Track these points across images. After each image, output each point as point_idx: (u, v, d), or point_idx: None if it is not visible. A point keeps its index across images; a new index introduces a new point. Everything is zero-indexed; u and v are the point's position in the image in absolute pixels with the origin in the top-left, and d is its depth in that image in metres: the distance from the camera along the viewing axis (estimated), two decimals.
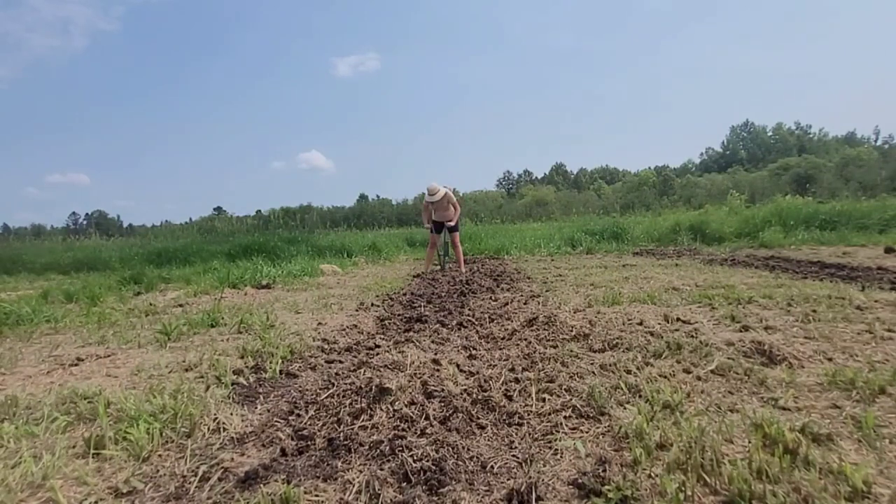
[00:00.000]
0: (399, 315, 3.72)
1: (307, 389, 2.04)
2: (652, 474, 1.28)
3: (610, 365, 2.16)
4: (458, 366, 2.25)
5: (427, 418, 1.67)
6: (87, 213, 68.71)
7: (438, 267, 7.52)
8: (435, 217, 7.26)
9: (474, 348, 2.61)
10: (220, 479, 1.36)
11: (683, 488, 1.19)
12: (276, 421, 1.75)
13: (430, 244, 7.56)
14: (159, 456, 1.53)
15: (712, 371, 2.04)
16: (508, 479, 1.32)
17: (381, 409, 1.73)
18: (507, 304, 3.89)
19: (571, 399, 1.79)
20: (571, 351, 2.41)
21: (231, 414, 1.80)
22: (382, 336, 3.03)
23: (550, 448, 1.48)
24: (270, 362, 2.47)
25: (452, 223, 7.26)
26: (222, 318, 3.72)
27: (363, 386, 1.89)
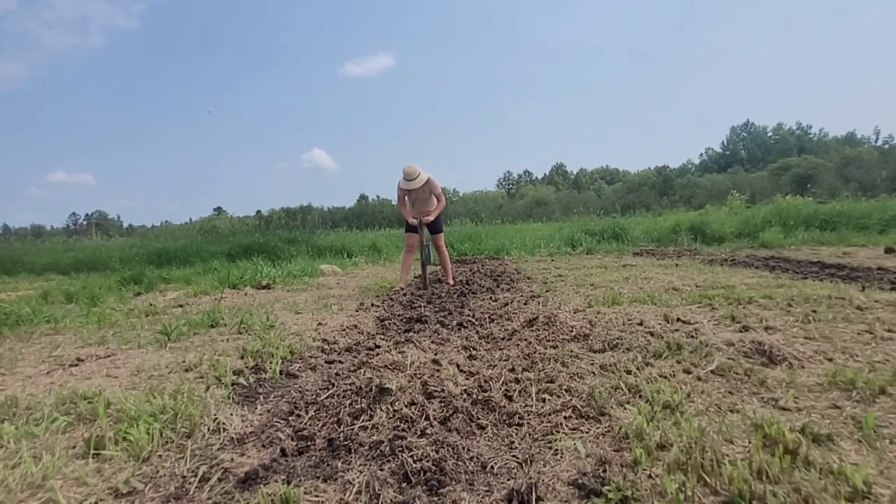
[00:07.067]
0: (399, 315, 3.72)
1: (307, 390, 2.04)
2: (652, 474, 1.28)
3: (610, 365, 2.16)
4: (458, 366, 2.25)
5: (427, 419, 1.67)
6: (87, 214, 68.87)
7: (419, 278, 5.49)
8: (412, 211, 5.50)
9: (474, 348, 2.61)
10: (220, 480, 1.36)
11: (683, 488, 1.18)
12: (276, 421, 1.75)
13: (406, 248, 5.65)
14: (159, 456, 1.53)
15: (712, 371, 2.04)
16: (508, 480, 1.32)
17: (381, 410, 1.73)
18: (507, 304, 3.89)
19: (571, 399, 1.79)
20: (571, 351, 2.41)
21: (231, 414, 1.80)
22: (382, 336, 3.03)
23: (550, 448, 1.48)
24: (270, 363, 2.47)
25: (433, 219, 5.45)
26: (222, 319, 3.72)
27: (363, 386, 1.89)
